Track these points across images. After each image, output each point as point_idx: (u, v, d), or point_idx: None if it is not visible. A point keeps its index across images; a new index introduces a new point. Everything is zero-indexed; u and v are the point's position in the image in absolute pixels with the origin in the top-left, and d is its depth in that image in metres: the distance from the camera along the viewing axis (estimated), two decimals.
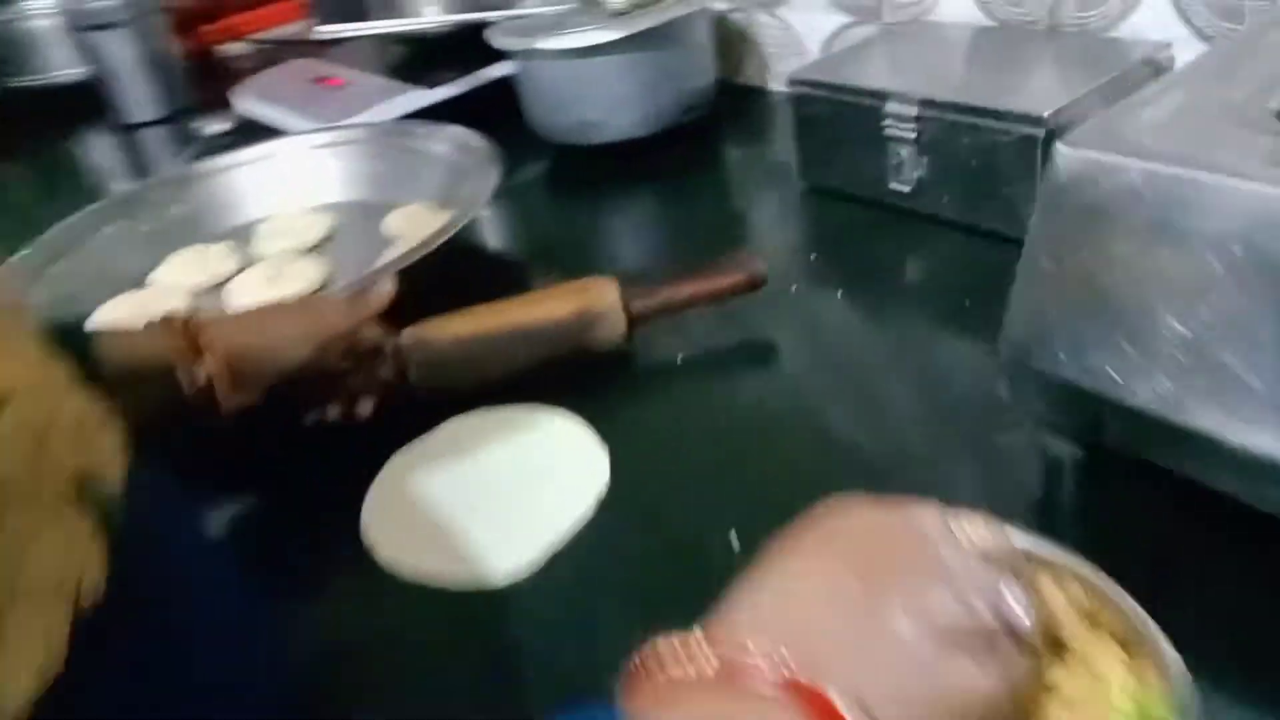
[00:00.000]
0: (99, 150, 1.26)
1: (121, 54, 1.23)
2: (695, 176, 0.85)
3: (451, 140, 0.81)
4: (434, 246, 0.64)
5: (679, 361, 0.59)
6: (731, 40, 0.92)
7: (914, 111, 0.64)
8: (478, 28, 0.91)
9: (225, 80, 1.45)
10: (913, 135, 0.65)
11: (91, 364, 0.45)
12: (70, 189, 1.15)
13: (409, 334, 0.57)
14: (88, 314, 0.73)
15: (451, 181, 0.80)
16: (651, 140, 0.85)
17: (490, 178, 0.72)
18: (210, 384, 0.50)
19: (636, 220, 0.83)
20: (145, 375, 0.49)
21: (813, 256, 0.69)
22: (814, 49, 0.88)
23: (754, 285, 0.60)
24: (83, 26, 1.22)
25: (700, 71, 0.87)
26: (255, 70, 1.48)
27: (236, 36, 1.51)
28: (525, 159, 0.89)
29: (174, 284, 0.78)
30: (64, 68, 1.36)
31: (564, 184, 0.88)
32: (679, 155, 0.86)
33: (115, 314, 0.72)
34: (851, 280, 0.64)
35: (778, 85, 0.94)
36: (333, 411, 0.55)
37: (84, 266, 0.78)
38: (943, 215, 0.67)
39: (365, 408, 0.56)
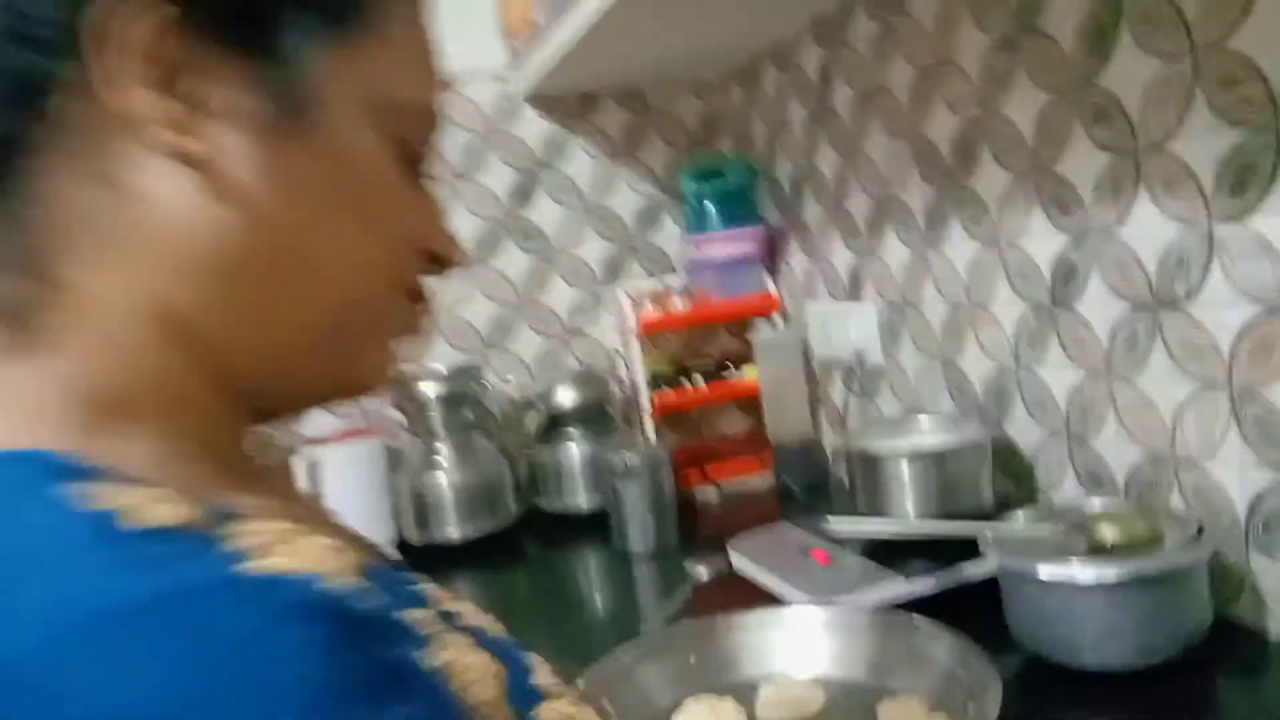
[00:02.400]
0: (600, 572, 1.53)
1: (634, 498, 1.52)
2: None
3: (949, 645, 0.90)
4: None
5: None
6: (1226, 576, 0.95)
7: None
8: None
9: (700, 522, 1.72)
10: None
11: None
12: (574, 600, 1.40)
13: None
14: None
15: (946, 687, 0.88)
16: (1142, 672, 0.89)
17: (992, 701, 0.80)
18: None
19: None
20: None
21: None
22: None
23: None
24: (608, 473, 1.54)
25: (1196, 610, 0.91)
26: (723, 513, 1.75)
27: (709, 482, 1.79)
28: (1000, 658, 0.96)
29: None
30: (579, 495, 1.71)
31: (1038, 694, 0.93)
32: (1168, 692, 0.89)
33: None
34: None
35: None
36: None
37: (627, 698, 0.95)
38: None
39: None
